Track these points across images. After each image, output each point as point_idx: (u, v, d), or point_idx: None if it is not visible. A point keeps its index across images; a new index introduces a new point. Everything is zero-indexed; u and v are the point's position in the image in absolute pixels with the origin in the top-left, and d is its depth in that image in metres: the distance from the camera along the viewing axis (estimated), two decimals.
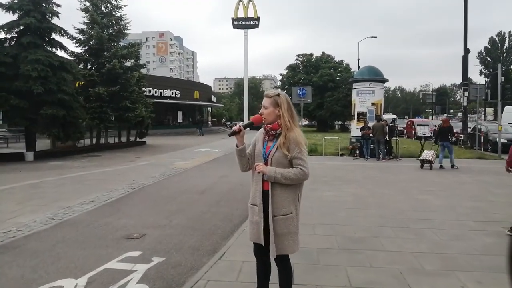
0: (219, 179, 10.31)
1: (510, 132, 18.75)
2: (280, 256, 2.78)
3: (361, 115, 16.79)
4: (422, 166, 12.40)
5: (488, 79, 64.04)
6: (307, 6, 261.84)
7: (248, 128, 2.88)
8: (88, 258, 4.51)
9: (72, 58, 18.91)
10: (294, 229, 2.78)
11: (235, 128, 2.79)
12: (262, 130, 2.87)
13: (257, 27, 59.93)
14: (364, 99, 16.80)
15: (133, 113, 20.40)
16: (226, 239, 5.21)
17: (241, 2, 58.02)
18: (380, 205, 7.10)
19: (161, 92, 37.89)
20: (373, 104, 16.65)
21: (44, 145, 17.85)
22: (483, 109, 60.52)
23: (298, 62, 48.54)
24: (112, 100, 19.54)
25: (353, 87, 17.68)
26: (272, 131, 2.76)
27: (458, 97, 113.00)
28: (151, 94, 33.80)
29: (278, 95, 2.78)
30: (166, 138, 30.99)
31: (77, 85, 19.45)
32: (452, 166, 12.34)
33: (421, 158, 12.53)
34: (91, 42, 20.02)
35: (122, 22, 21.33)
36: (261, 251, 2.90)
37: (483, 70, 72.60)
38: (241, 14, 61.04)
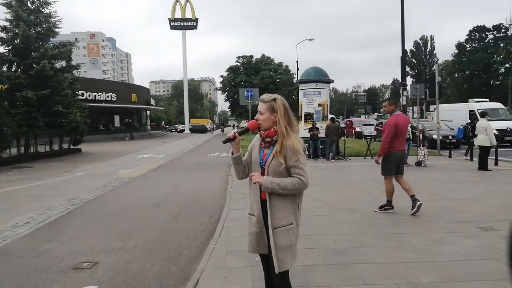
0: (171, 190, 9.48)
1: (445, 129, 19.77)
2: (281, 272, 2.60)
3: (308, 116, 16.72)
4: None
5: (414, 80, 68.16)
6: (244, 10, 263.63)
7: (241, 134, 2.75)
8: None
9: None
10: (295, 240, 2.65)
11: (230, 135, 2.65)
12: (258, 136, 2.71)
13: (195, 28, 58.87)
14: (311, 100, 16.75)
15: (67, 119, 18.69)
16: (196, 261, 4.54)
17: (178, 3, 56.63)
18: (350, 210, 6.79)
19: (95, 96, 35.61)
20: (319, 104, 16.65)
21: None
22: (411, 108, 64.33)
23: (238, 64, 48.18)
24: (42, 105, 17.71)
25: (300, 88, 17.59)
26: (268, 138, 2.61)
27: (387, 97, 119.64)
28: (85, 97, 31.58)
29: (275, 100, 2.62)
30: (103, 144, 29.05)
31: (1, 89, 17.38)
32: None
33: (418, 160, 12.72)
34: (16, 41, 18.01)
35: (52, 19, 19.47)
36: (265, 262, 2.82)
37: (409, 72, 77.26)
38: (178, 15, 59.54)
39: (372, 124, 18.52)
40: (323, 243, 5.01)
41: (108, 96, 37.36)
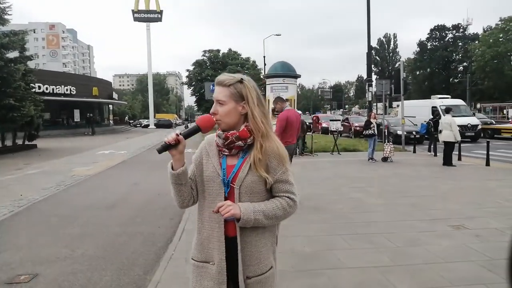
0: (130, 188, 8.87)
1: (409, 125, 20.03)
2: None
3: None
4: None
5: (378, 77, 69.65)
6: (210, 3, 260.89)
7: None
8: None
9: None
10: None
11: (169, 139, 1.66)
12: (211, 138, 1.82)
13: (160, 20, 57.56)
14: (278, 95, 16.44)
15: (19, 112, 17.43)
16: (151, 270, 4.06)
17: None
18: (318, 208, 6.49)
19: (53, 89, 33.83)
20: (287, 100, 16.34)
21: None
22: (375, 104, 65.73)
23: (205, 58, 47.33)
24: None
25: (267, 83, 17.25)
26: (240, 142, 1.71)
27: (352, 93, 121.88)
28: (41, 90, 29.88)
29: (241, 81, 1.72)
30: (61, 140, 27.62)
31: None
32: (370, 159, 12.60)
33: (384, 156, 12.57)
34: None
35: (1, 5, 18.12)
36: None
37: (373, 68, 78.88)
38: (142, 7, 57.91)
39: (339, 120, 18.45)
40: (291, 245, 4.65)
41: (67, 89, 35.64)
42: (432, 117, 15.46)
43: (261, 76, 41.70)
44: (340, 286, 3.60)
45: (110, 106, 52.47)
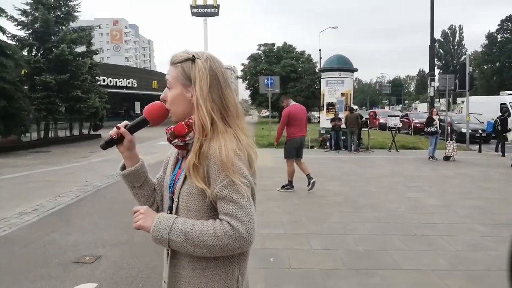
0: None
1: (474, 123, 18.87)
2: None
3: (331, 105, 16.18)
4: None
5: (441, 71, 66.17)
6: None
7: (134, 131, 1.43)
8: None
9: (14, 43, 16.85)
10: None
11: (112, 132, 1.37)
12: None
13: (217, 15, 58.49)
14: (334, 89, 16.18)
15: (86, 104, 18.60)
16: None
17: None
18: (373, 206, 6.32)
19: (116, 82, 35.71)
20: (342, 94, 16.06)
21: None
22: (438, 100, 62.55)
23: (260, 52, 47.51)
24: (61, 90, 17.64)
25: (322, 77, 17.03)
26: (177, 140, 1.31)
27: (412, 88, 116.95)
28: (105, 83, 31.66)
29: (193, 59, 1.29)
30: None
31: (22, 73, 17.41)
32: (431, 157, 12.05)
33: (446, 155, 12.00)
34: (36, 25, 17.94)
35: (71, 3, 19.32)
36: None
37: (436, 62, 75.08)
38: (200, 2, 59.16)
39: (397, 116, 17.77)
40: (344, 243, 4.58)
41: (129, 83, 37.45)
42: (500, 114, 14.44)
43: (316, 70, 41.23)
44: (394, 287, 3.50)
45: None
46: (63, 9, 19.12)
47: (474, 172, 9.95)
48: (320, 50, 39.78)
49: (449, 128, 15.96)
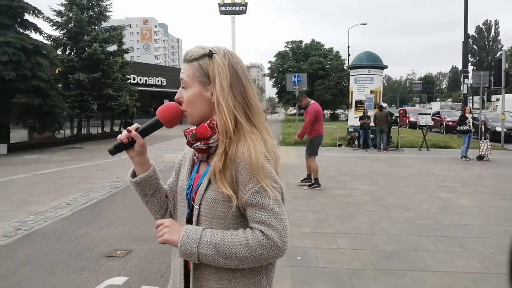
0: None
1: (510, 121, 18.16)
2: None
3: (359, 103, 15.94)
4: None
5: (475, 68, 64.05)
6: None
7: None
8: None
9: (49, 42, 17.44)
10: None
11: (122, 136, 1.27)
12: None
13: (245, 13, 58.72)
14: (363, 86, 15.93)
15: (117, 102, 19.06)
16: None
17: None
18: (403, 206, 6.19)
19: (146, 80, 36.37)
20: (371, 91, 15.80)
21: (21, 136, 16.52)
22: (471, 98, 60.58)
23: (287, 49, 47.29)
24: (93, 88, 18.15)
25: (351, 74, 16.81)
26: (199, 143, 1.22)
27: (444, 86, 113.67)
28: (135, 81, 32.30)
29: (210, 54, 1.20)
30: None
31: (56, 72, 18.04)
32: (464, 157, 11.68)
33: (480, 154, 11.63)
34: (69, 25, 18.51)
35: (103, 3, 19.82)
36: None
37: (470, 59, 72.68)
38: (228, 0, 59.66)
39: (429, 114, 17.30)
40: (372, 243, 4.52)
41: (158, 81, 38.07)
42: None
43: (345, 67, 40.72)
44: None
45: None
46: (96, 9, 19.65)
47: (509, 172, 9.58)
48: (348, 47, 39.29)
49: (483, 126, 15.47)
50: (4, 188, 7.78)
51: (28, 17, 14.92)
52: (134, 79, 31.92)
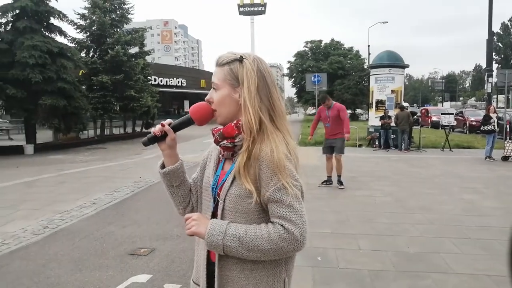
0: None
1: None
2: None
3: (380, 103, 15.77)
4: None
5: (499, 66, 62.42)
6: None
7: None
8: (84, 286, 3.59)
9: (73, 45, 17.89)
10: None
11: (155, 129, 1.38)
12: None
13: (264, 13, 58.72)
14: (383, 86, 15.76)
15: (138, 103, 19.43)
16: None
17: None
18: (425, 208, 6.12)
19: (166, 81, 36.90)
20: (392, 91, 15.61)
21: (47, 136, 17.00)
22: (496, 97, 59.07)
23: (306, 49, 47.05)
24: (116, 89, 18.54)
25: (371, 74, 16.65)
26: (226, 142, 1.32)
27: (467, 84, 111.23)
28: (156, 83, 32.82)
29: (240, 60, 1.31)
30: None
31: (80, 74, 18.52)
32: (488, 157, 11.42)
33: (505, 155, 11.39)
34: (93, 28, 18.95)
35: (125, 6, 20.21)
36: None
37: (494, 57, 70.85)
38: (247, 0, 59.79)
39: (452, 113, 16.97)
40: (394, 245, 4.49)
41: (178, 82, 38.55)
42: None
43: (365, 67, 40.27)
44: None
45: None
46: (118, 12, 20.05)
47: None
48: (369, 46, 38.77)
49: (508, 126, 15.07)
50: (32, 187, 8.05)
51: (54, 20, 15.39)
52: (155, 80, 32.39)
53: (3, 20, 14.51)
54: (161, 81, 35.58)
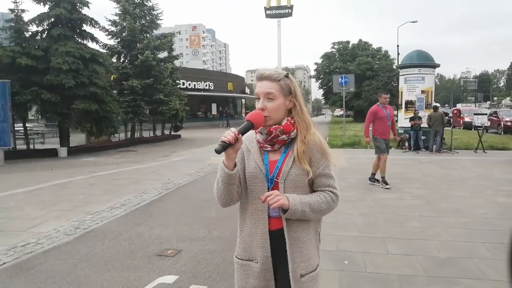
0: None
1: None
2: None
3: (410, 104, 15.41)
4: None
5: None
6: None
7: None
8: (112, 286, 3.67)
9: (104, 51, 18.41)
10: None
11: (229, 137, 1.56)
12: (251, 136, 1.79)
13: (291, 15, 58.59)
14: (413, 86, 15.39)
15: (167, 106, 19.77)
16: None
17: None
18: (458, 211, 5.93)
19: (194, 85, 37.36)
20: (423, 91, 15.22)
21: (80, 140, 17.55)
22: None
23: (333, 50, 46.64)
24: (145, 93, 18.96)
25: (400, 74, 16.28)
26: (284, 136, 1.70)
27: (502, 84, 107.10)
28: (184, 86, 33.29)
29: (287, 76, 1.73)
30: (200, 131, 30.41)
31: (111, 79, 19.05)
32: None
33: None
34: (123, 34, 19.44)
35: (154, 12, 20.65)
36: None
37: None
38: (273, 3, 59.82)
39: (485, 114, 16.38)
40: (424, 249, 4.37)
41: (206, 85, 38.95)
42: None
43: (394, 67, 39.48)
44: None
45: (243, 100, 55.65)
46: (147, 18, 20.51)
47: None
48: (398, 46, 37.99)
49: None
50: (65, 189, 8.31)
51: (86, 27, 15.87)
52: (183, 84, 32.87)
53: (40, 29, 15.10)
54: (189, 84, 36.05)
